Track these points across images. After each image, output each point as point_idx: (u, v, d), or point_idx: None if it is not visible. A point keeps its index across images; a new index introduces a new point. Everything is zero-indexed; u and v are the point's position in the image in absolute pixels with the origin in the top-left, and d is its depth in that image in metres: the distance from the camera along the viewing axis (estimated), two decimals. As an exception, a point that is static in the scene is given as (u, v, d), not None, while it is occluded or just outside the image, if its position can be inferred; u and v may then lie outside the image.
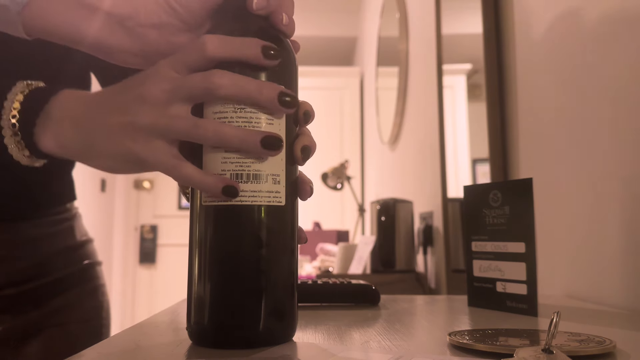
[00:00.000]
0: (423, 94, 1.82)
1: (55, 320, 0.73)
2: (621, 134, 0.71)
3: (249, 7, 0.42)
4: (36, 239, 0.72)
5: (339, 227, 3.63)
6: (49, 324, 0.72)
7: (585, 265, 0.80)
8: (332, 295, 0.67)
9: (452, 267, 1.39)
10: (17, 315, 0.70)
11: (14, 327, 0.69)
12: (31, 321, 0.71)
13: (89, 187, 3.53)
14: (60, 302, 0.74)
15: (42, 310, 0.72)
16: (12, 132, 0.44)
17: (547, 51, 0.92)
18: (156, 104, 0.40)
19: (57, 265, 0.74)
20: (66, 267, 0.75)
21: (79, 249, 0.79)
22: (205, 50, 0.40)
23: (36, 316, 0.71)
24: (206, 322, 0.41)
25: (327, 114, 3.88)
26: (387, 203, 1.71)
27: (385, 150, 2.64)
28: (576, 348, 0.39)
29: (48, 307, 0.72)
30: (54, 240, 0.74)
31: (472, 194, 0.68)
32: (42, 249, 0.73)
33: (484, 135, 1.16)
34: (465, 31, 1.48)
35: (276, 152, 0.40)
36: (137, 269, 4.37)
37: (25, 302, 0.70)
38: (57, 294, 0.73)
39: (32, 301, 0.71)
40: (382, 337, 0.47)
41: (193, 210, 0.42)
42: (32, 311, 0.71)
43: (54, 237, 0.75)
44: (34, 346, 0.70)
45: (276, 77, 0.42)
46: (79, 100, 0.44)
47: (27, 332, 0.70)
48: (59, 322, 0.73)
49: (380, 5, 2.74)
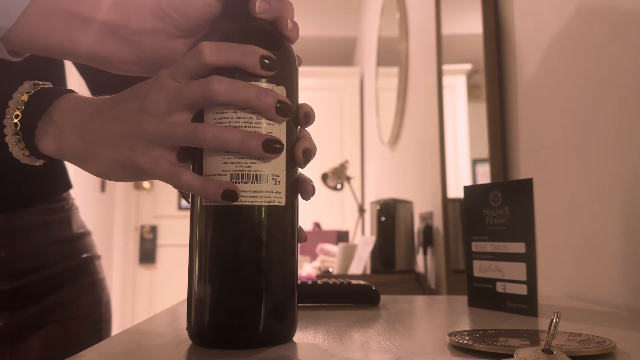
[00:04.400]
0: (423, 94, 1.82)
1: (54, 316, 0.73)
2: (621, 134, 0.71)
3: (251, 11, 0.42)
4: (28, 228, 0.71)
5: (339, 227, 3.63)
6: (48, 319, 0.72)
7: (585, 265, 0.80)
8: (332, 296, 0.67)
9: (452, 268, 1.39)
10: (16, 311, 0.70)
11: (13, 324, 0.69)
12: (30, 317, 0.71)
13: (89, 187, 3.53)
14: (58, 297, 0.73)
15: (40, 306, 0.72)
16: (14, 131, 0.44)
17: (547, 51, 0.92)
18: (157, 114, 0.41)
19: (53, 257, 0.74)
20: (63, 261, 0.75)
21: (76, 241, 0.78)
22: (203, 57, 0.40)
23: (35, 312, 0.71)
24: (206, 323, 0.41)
25: (327, 114, 3.88)
26: (387, 203, 1.71)
27: (385, 151, 2.64)
28: (576, 348, 0.39)
29: (47, 302, 0.72)
30: (47, 230, 0.74)
31: (472, 194, 0.68)
32: (34, 238, 0.72)
33: (484, 135, 1.16)
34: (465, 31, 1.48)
35: (277, 155, 0.41)
36: (137, 269, 4.37)
37: (23, 298, 0.70)
38: (55, 290, 0.73)
39: (31, 297, 0.71)
40: (382, 337, 0.47)
41: (193, 210, 0.42)
42: (30, 307, 0.71)
43: (47, 227, 0.74)
44: (33, 342, 0.70)
45: (277, 80, 0.42)
46: (82, 105, 0.45)
47: (27, 328, 0.70)
48: (58, 317, 0.73)
49: (380, 6, 2.74)
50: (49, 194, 0.76)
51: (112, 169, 0.43)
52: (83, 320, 0.76)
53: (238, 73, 0.41)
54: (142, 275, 4.36)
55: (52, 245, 0.74)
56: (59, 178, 0.78)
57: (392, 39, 2.39)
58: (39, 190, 0.74)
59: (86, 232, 0.82)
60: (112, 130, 0.42)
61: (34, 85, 0.46)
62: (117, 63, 0.46)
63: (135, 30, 0.44)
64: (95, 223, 3.64)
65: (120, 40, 0.45)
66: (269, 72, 0.41)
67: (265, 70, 0.41)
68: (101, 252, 0.85)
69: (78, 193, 0.82)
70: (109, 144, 0.42)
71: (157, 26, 0.44)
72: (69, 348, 0.40)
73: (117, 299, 4.11)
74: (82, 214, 0.83)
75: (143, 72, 0.47)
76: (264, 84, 0.41)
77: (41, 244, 0.73)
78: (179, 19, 0.44)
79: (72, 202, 0.80)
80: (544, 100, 0.94)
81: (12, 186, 0.70)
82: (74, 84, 0.69)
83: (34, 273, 0.71)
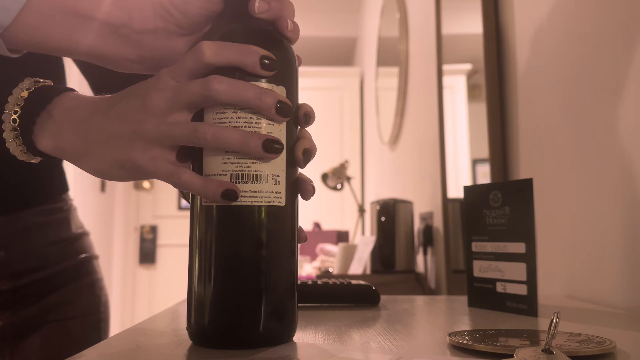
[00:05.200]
0: (423, 94, 1.82)
1: (53, 316, 0.73)
2: (621, 134, 0.71)
3: (251, 11, 0.42)
4: (27, 228, 0.72)
5: (339, 227, 3.63)
6: (47, 319, 0.72)
7: (585, 265, 0.80)
8: (332, 296, 0.67)
9: (452, 268, 1.39)
10: (16, 311, 0.70)
11: (13, 323, 0.69)
12: (30, 317, 0.71)
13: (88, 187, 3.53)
14: (57, 297, 0.74)
15: (40, 306, 0.72)
16: (12, 127, 0.44)
17: (547, 51, 0.92)
18: (157, 113, 0.41)
19: (52, 258, 0.74)
20: (62, 261, 0.75)
21: (74, 242, 0.78)
22: (203, 57, 0.40)
23: (34, 312, 0.71)
24: (206, 323, 0.41)
25: (327, 114, 3.88)
26: (387, 203, 1.71)
27: (385, 151, 2.64)
28: (576, 348, 0.39)
29: (46, 303, 0.72)
30: (46, 230, 0.74)
31: (472, 194, 0.68)
32: (34, 238, 0.72)
33: (484, 135, 1.16)
34: (465, 31, 1.48)
35: (277, 155, 0.41)
36: (137, 269, 4.37)
37: (23, 298, 0.70)
38: (55, 290, 0.74)
39: (30, 297, 0.71)
40: (382, 337, 0.47)
41: (193, 210, 0.42)
42: (30, 307, 0.71)
43: (46, 227, 0.74)
44: (33, 342, 0.70)
45: (277, 81, 0.42)
46: (82, 104, 0.45)
47: (26, 328, 0.70)
48: (58, 317, 0.73)
49: (380, 6, 2.74)
50: (48, 195, 0.76)
51: (111, 168, 0.43)
52: (82, 320, 0.76)
53: (238, 73, 0.41)
54: (142, 275, 4.36)
55: (51, 246, 0.75)
56: (57, 180, 0.78)
57: (392, 39, 2.39)
58: (39, 191, 0.74)
59: (84, 232, 0.82)
60: (112, 128, 0.42)
61: (34, 82, 0.46)
62: (118, 61, 0.46)
63: (136, 29, 0.44)
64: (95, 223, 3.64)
65: (122, 39, 0.45)
66: (269, 73, 0.41)
67: (265, 70, 0.41)
68: (101, 252, 0.85)
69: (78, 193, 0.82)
70: (108, 142, 0.42)
71: (159, 25, 0.44)
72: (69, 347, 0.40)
73: (117, 299, 4.11)
74: (81, 214, 0.84)
75: (144, 70, 0.47)
76: (264, 84, 0.41)
77: (40, 244, 0.73)
78: (180, 17, 0.44)
79: (70, 203, 0.80)
80: (544, 100, 0.94)
81: (13, 188, 0.70)
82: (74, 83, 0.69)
83: (34, 273, 0.72)
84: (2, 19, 0.41)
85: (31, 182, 0.72)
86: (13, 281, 0.70)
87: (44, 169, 0.63)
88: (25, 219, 0.72)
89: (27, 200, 0.73)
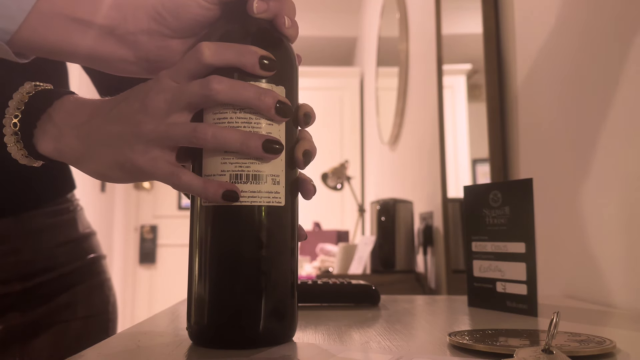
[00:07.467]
0: (423, 94, 1.82)
1: (63, 316, 0.73)
2: (621, 134, 0.71)
3: (250, 11, 0.42)
4: (38, 230, 0.72)
5: (339, 227, 3.63)
6: (57, 320, 0.72)
7: (585, 265, 0.80)
8: (332, 296, 0.67)
9: (452, 268, 1.39)
10: (26, 312, 0.70)
11: (23, 324, 0.70)
12: (40, 318, 0.71)
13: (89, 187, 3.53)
14: (67, 298, 0.74)
15: (50, 307, 0.72)
16: (13, 131, 0.45)
17: (547, 51, 0.92)
18: (156, 114, 0.41)
19: (62, 258, 0.74)
20: (71, 262, 0.76)
21: (82, 242, 0.79)
22: (202, 58, 0.40)
23: (44, 312, 0.71)
24: (206, 323, 0.41)
25: (327, 114, 3.88)
26: (387, 203, 1.71)
27: (385, 151, 2.64)
28: (576, 348, 0.39)
29: (56, 303, 0.73)
30: (55, 232, 0.75)
31: (472, 194, 0.68)
32: (44, 240, 0.73)
33: (484, 135, 1.16)
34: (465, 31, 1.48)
35: (277, 155, 0.41)
36: (137, 269, 4.37)
37: (33, 298, 0.71)
38: (64, 290, 0.74)
39: (40, 298, 0.71)
40: (382, 337, 0.47)
41: (193, 210, 0.42)
42: (40, 308, 0.71)
43: (55, 228, 0.75)
44: (43, 342, 0.71)
45: (277, 81, 0.42)
46: (82, 107, 0.45)
47: (36, 328, 0.70)
48: (67, 318, 0.73)
49: (380, 6, 2.74)
50: (57, 194, 0.76)
51: (111, 170, 0.43)
52: (92, 320, 0.77)
53: (237, 73, 0.41)
54: (142, 275, 4.36)
55: (61, 246, 0.75)
56: (65, 178, 0.79)
57: (392, 39, 2.39)
58: (48, 190, 0.75)
59: (92, 232, 0.82)
60: (112, 130, 0.42)
61: (34, 86, 0.46)
62: (116, 63, 0.46)
63: (131, 30, 0.45)
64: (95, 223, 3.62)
65: (118, 40, 0.45)
66: (268, 73, 0.41)
67: (265, 70, 0.41)
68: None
69: (78, 193, 0.82)
70: (108, 144, 0.42)
71: (152, 27, 0.45)
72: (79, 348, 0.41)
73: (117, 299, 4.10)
74: (83, 212, 0.84)
75: (142, 72, 0.47)
76: (264, 84, 0.41)
77: (50, 245, 0.73)
78: (172, 20, 0.44)
79: (77, 203, 0.81)
80: (544, 100, 0.94)
81: (23, 186, 0.70)
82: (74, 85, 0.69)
83: (44, 274, 0.72)
84: (8, 26, 0.42)
85: (42, 180, 0.73)
86: (23, 282, 0.70)
87: (54, 168, 0.63)
88: (35, 220, 0.72)
89: (39, 199, 0.73)
